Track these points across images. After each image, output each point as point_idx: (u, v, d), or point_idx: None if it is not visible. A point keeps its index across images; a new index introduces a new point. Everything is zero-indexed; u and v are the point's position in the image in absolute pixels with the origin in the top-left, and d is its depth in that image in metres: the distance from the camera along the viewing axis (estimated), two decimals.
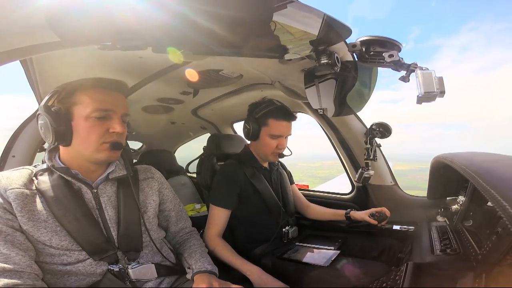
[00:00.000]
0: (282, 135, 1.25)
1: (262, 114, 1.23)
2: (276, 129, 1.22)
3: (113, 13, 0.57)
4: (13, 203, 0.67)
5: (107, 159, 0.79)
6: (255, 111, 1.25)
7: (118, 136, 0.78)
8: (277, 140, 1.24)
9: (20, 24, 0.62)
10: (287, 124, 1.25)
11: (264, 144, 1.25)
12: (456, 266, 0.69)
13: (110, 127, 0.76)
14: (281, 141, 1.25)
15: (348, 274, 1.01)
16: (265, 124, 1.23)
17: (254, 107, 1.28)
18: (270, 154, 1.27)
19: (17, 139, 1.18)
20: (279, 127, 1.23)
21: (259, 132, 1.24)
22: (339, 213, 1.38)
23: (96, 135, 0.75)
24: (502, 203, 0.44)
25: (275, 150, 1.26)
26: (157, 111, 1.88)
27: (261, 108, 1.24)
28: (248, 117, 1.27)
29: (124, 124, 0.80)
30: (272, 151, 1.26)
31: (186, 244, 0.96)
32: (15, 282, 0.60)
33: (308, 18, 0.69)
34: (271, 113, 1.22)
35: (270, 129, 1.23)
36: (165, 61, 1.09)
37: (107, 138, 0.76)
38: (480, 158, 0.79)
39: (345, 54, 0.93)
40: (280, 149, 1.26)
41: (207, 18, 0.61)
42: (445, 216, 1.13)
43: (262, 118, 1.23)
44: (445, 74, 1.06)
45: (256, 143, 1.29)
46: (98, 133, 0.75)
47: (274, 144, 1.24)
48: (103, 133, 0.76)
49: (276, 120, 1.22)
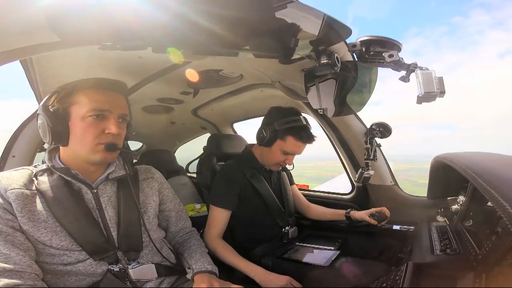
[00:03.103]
0: (294, 153, 1.23)
1: (284, 128, 1.16)
2: (291, 148, 1.19)
3: (113, 13, 0.57)
4: (13, 204, 0.67)
5: (102, 160, 0.77)
6: (278, 121, 1.17)
7: (114, 137, 0.76)
8: (287, 156, 1.22)
9: (20, 24, 0.62)
10: (303, 146, 1.21)
11: (273, 155, 1.22)
12: (456, 266, 0.69)
13: (106, 127, 0.75)
14: (290, 158, 1.24)
15: (348, 274, 1.01)
16: (282, 138, 1.18)
17: (278, 114, 1.20)
18: (274, 165, 1.27)
19: (17, 139, 1.18)
20: (295, 147, 1.19)
21: (273, 143, 1.20)
22: (339, 213, 1.37)
23: (91, 136, 0.74)
24: (502, 203, 0.44)
25: (281, 163, 1.25)
26: (157, 111, 1.88)
27: (285, 121, 1.17)
28: (268, 123, 1.20)
29: (122, 125, 0.79)
30: (277, 163, 1.25)
31: (186, 244, 0.95)
32: (16, 282, 0.60)
33: (308, 18, 0.69)
34: (293, 131, 1.17)
35: (286, 146, 1.18)
36: (165, 61, 1.09)
37: (103, 139, 0.75)
38: (480, 158, 0.79)
39: (345, 54, 0.93)
40: (285, 163, 1.26)
41: (207, 18, 0.62)
42: (445, 216, 1.13)
43: (283, 132, 1.17)
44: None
45: (264, 149, 1.26)
46: (94, 134, 0.74)
47: (282, 159, 1.22)
48: (99, 133, 0.74)
49: (295, 140, 1.17)
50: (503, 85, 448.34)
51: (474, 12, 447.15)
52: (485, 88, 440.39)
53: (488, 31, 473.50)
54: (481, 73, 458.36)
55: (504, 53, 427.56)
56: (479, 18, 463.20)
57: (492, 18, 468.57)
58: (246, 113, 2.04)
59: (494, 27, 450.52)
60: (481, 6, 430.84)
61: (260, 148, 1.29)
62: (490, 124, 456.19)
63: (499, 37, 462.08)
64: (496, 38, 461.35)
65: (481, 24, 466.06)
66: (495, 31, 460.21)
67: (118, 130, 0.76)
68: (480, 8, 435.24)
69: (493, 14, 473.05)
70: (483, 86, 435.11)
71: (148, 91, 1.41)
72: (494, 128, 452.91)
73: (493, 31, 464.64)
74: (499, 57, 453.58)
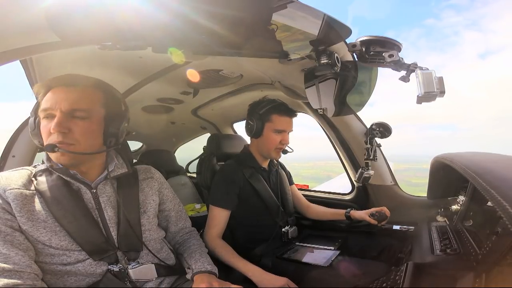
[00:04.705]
0: (286, 130, 1.27)
1: (266, 110, 1.25)
2: (279, 124, 1.25)
3: (113, 13, 0.57)
4: (12, 204, 0.67)
5: (57, 162, 0.73)
6: (258, 108, 1.27)
7: (61, 136, 0.69)
8: (281, 135, 1.26)
9: (21, 24, 0.62)
10: (289, 120, 1.29)
11: (268, 140, 1.27)
12: (456, 266, 0.69)
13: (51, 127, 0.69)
14: (285, 136, 1.28)
15: (348, 274, 1.01)
16: (268, 120, 1.25)
17: (256, 105, 1.30)
18: (273, 150, 1.28)
19: (17, 139, 1.18)
20: (282, 122, 1.26)
21: (263, 128, 1.26)
22: (339, 212, 1.38)
23: (45, 137, 0.71)
24: (502, 203, 0.44)
25: (279, 146, 1.27)
26: (157, 111, 1.88)
27: (264, 105, 1.27)
28: (251, 114, 1.29)
29: (74, 121, 0.71)
30: (275, 147, 1.27)
31: (186, 244, 0.95)
32: (15, 282, 0.60)
33: (308, 18, 0.69)
34: (274, 109, 1.25)
35: (274, 125, 1.25)
36: (165, 61, 1.09)
37: (51, 139, 0.70)
38: (480, 158, 0.79)
39: (345, 54, 0.93)
40: (283, 144, 1.28)
41: (207, 18, 0.62)
42: (445, 216, 1.13)
43: (266, 114, 1.25)
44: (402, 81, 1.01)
45: (258, 141, 1.29)
46: (45, 135, 0.71)
47: (278, 139, 1.26)
48: (48, 134, 0.71)
49: (279, 115, 1.25)
50: (490, 85, 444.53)
51: (446, 14, 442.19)
52: (471, 89, 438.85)
53: (464, 32, 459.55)
54: (464, 74, 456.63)
55: (484, 54, 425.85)
56: (451, 19, 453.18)
57: (465, 19, 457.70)
58: (246, 113, 2.03)
59: (469, 27, 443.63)
60: (450, 7, 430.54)
61: (255, 142, 1.32)
62: (481, 124, 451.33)
63: (475, 38, 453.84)
64: (473, 39, 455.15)
65: (455, 25, 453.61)
66: (471, 32, 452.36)
67: (58, 128, 0.68)
68: (450, 9, 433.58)
69: (465, 15, 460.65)
70: (468, 87, 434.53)
71: (148, 91, 1.41)
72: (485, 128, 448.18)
73: (468, 31, 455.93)
74: (480, 58, 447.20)
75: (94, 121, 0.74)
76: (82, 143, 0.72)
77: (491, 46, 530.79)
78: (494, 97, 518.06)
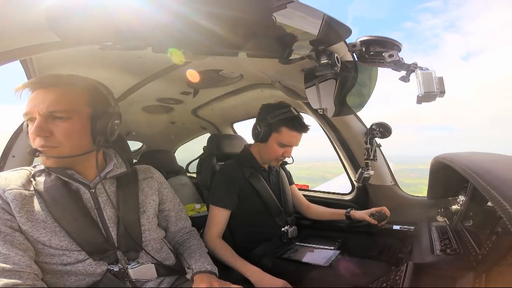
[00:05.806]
0: (292, 145, 1.24)
1: (277, 120, 1.18)
2: (287, 138, 1.20)
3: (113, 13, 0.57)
4: (12, 204, 0.67)
5: (45, 166, 0.73)
6: (271, 115, 1.19)
7: (43, 140, 0.68)
8: (284, 149, 1.23)
9: (21, 24, 0.62)
10: (298, 136, 1.23)
11: (271, 149, 1.23)
12: (456, 266, 0.69)
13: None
14: (288, 150, 1.24)
15: (348, 274, 1.01)
16: (277, 130, 1.19)
17: (269, 109, 1.22)
18: (273, 160, 1.27)
19: (17, 139, 1.18)
20: (290, 137, 1.21)
21: (269, 137, 1.21)
22: (339, 212, 1.37)
23: (32, 141, 0.71)
24: (502, 203, 0.44)
25: (280, 157, 1.25)
26: (157, 111, 1.88)
27: (277, 114, 1.19)
28: (261, 119, 1.22)
29: (54, 122, 0.68)
30: (276, 158, 1.25)
31: (186, 244, 0.95)
32: (15, 282, 0.60)
33: (308, 18, 0.69)
34: (286, 122, 1.18)
35: (281, 137, 1.20)
36: (165, 61, 1.09)
37: (35, 143, 0.69)
38: (480, 158, 0.79)
39: (345, 54, 0.93)
40: (284, 157, 1.26)
41: (207, 18, 0.62)
42: (445, 216, 1.13)
43: (276, 124, 1.19)
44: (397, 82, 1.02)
45: (261, 146, 1.27)
46: (32, 140, 0.70)
47: (280, 152, 1.23)
48: (33, 138, 0.70)
49: (289, 130, 1.19)
50: (480, 87, 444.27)
51: (423, 17, 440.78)
52: (462, 91, 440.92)
53: (444, 34, 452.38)
54: (451, 76, 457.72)
55: (466, 56, 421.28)
56: (429, 22, 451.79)
57: (444, 21, 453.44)
58: (246, 113, 2.04)
59: (448, 30, 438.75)
60: (425, 10, 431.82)
61: (257, 146, 1.30)
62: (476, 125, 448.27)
63: (456, 41, 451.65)
64: (453, 41, 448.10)
65: (434, 28, 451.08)
66: (450, 34, 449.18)
67: (38, 132, 0.67)
68: (425, 12, 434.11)
69: (442, 17, 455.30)
70: (458, 89, 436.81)
71: (148, 91, 1.41)
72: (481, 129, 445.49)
73: (448, 34, 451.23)
74: (463, 59, 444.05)
75: (77, 121, 0.71)
76: (66, 145, 0.70)
77: (471, 49, 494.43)
78: (486, 99, 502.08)
